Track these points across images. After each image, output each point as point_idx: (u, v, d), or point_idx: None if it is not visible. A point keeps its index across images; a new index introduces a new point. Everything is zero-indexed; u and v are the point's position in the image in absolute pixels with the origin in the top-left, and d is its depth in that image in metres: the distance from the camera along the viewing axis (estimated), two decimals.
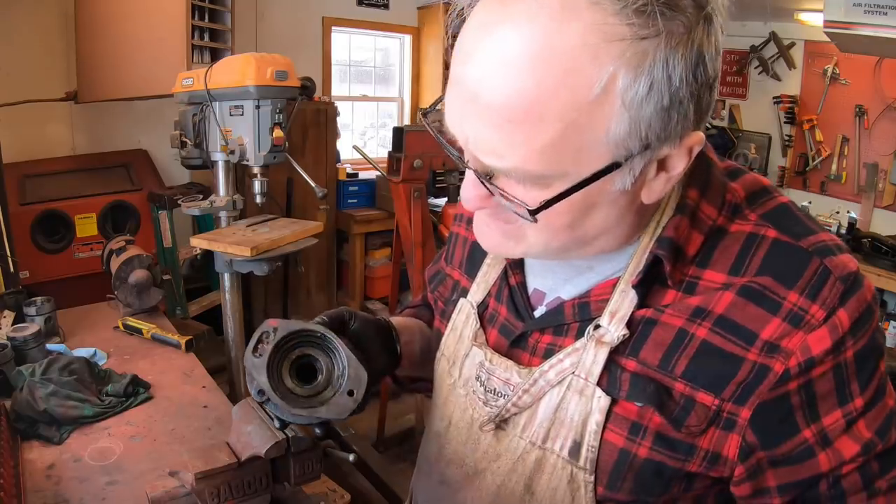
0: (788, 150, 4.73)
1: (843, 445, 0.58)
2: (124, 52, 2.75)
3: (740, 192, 0.64)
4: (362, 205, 4.16)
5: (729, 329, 0.58)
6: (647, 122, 0.50)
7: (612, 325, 0.62)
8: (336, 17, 4.44)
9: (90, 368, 1.37)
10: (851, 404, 0.58)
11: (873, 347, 0.58)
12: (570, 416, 0.64)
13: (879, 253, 3.66)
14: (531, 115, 0.49)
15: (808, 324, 0.56)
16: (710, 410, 0.59)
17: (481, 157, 0.54)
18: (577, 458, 0.64)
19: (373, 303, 4.19)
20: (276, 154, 1.95)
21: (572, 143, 0.50)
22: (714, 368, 0.58)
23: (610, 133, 0.50)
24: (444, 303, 0.87)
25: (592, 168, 0.52)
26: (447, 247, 0.91)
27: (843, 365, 0.57)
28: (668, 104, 0.50)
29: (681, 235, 0.61)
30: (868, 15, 2.18)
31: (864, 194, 4.28)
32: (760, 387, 0.57)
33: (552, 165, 0.52)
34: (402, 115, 5.17)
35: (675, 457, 0.61)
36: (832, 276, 0.57)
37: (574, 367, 0.63)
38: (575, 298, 0.67)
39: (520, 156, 0.51)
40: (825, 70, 4.38)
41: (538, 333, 0.69)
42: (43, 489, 1.04)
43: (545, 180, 0.53)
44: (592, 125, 0.49)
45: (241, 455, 0.88)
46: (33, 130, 3.18)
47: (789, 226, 0.60)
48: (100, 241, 2.97)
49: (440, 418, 0.79)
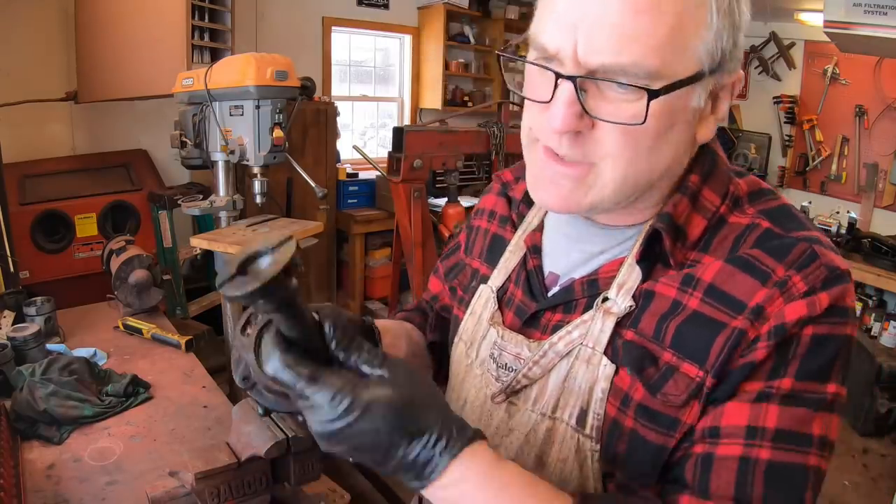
0: (788, 150, 4.74)
1: (730, 413, 0.58)
2: (124, 52, 2.75)
3: (743, 187, 0.67)
4: (362, 205, 4.16)
5: (718, 298, 0.59)
6: (726, 36, 0.56)
7: (620, 297, 0.64)
8: (336, 17, 4.44)
9: (90, 368, 1.37)
10: (777, 381, 0.57)
11: (836, 344, 0.57)
12: (578, 384, 0.65)
13: (879, 253, 3.66)
14: (653, 6, 0.53)
15: (789, 292, 0.57)
16: (694, 382, 0.59)
17: (596, 57, 0.55)
18: (583, 426, 0.65)
19: (373, 303, 4.19)
20: (276, 154, 1.95)
21: (679, 41, 0.55)
22: (701, 338, 0.59)
23: (703, 38, 0.55)
24: (462, 290, 0.88)
25: (688, 72, 0.56)
26: (467, 240, 0.93)
27: (796, 341, 0.57)
28: (736, 25, 0.57)
29: (679, 213, 0.64)
30: (868, 15, 2.18)
31: (864, 194, 4.28)
32: (734, 354, 0.58)
33: (663, 63, 0.54)
34: (402, 115, 5.17)
35: (657, 430, 0.61)
36: (818, 260, 0.58)
37: (582, 338, 0.66)
38: (584, 277, 0.69)
39: (639, 49, 0.54)
40: (825, 70, 4.39)
41: (550, 312, 0.71)
42: (43, 489, 1.04)
43: (650, 81, 0.55)
44: (696, 25, 0.55)
45: (241, 455, 0.88)
46: (33, 130, 3.18)
47: (783, 222, 0.62)
48: (100, 241, 2.97)
49: (457, 399, 0.81)
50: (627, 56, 0.54)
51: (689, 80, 0.56)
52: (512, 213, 0.84)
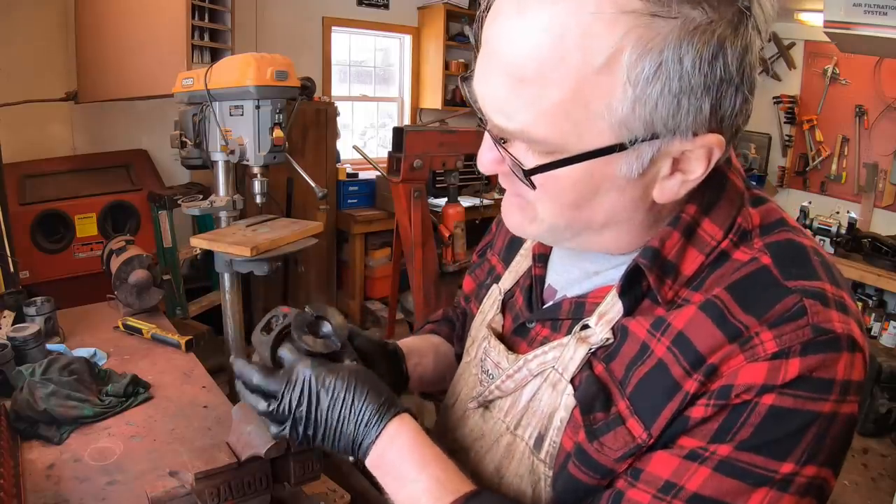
0: (788, 150, 4.73)
1: (657, 462, 0.55)
2: (124, 52, 2.74)
3: (756, 219, 0.60)
4: (362, 205, 4.16)
5: (682, 349, 0.55)
6: (652, 105, 0.49)
7: (599, 327, 0.62)
8: (336, 17, 4.44)
9: (90, 368, 1.37)
10: (715, 445, 0.52)
11: (802, 421, 0.50)
12: (542, 407, 0.65)
13: (879, 253, 3.66)
14: (540, 76, 0.50)
15: (753, 351, 0.51)
16: (634, 442, 0.57)
17: (492, 117, 0.55)
18: (539, 450, 0.65)
19: (373, 303, 4.19)
20: (276, 154, 1.95)
21: (575, 113, 0.50)
22: (655, 398, 0.56)
23: (613, 109, 0.50)
24: (479, 286, 0.90)
25: (594, 144, 0.51)
26: (493, 235, 0.94)
27: (750, 408, 0.51)
28: (678, 90, 0.49)
29: (669, 249, 0.59)
30: (868, 15, 2.17)
31: (864, 194, 4.28)
32: (679, 414, 0.55)
33: (555, 133, 0.52)
34: (402, 115, 5.17)
35: (590, 475, 0.60)
36: (805, 318, 0.51)
37: (554, 361, 0.64)
38: (574, 297, 0.68)
39: (526, 118, 0.52)
40: (825, 70, 4.38)
41: (539, 326, 0.71)
42: (43, 489, 1.04)
43: (549, 149, 0.53)
44: (596, 96, 0.49)
45: (241, 455, 0.88)
46: (33, 130, 3.18)
47: (787, 263, 0.55)
48: (100, 241, 2.97)
49: (451, 394, 0.82)
50: (517, 122, 0.53)
51: (591, 155, 0.52)
52: None
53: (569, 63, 0.48)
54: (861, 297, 4.05)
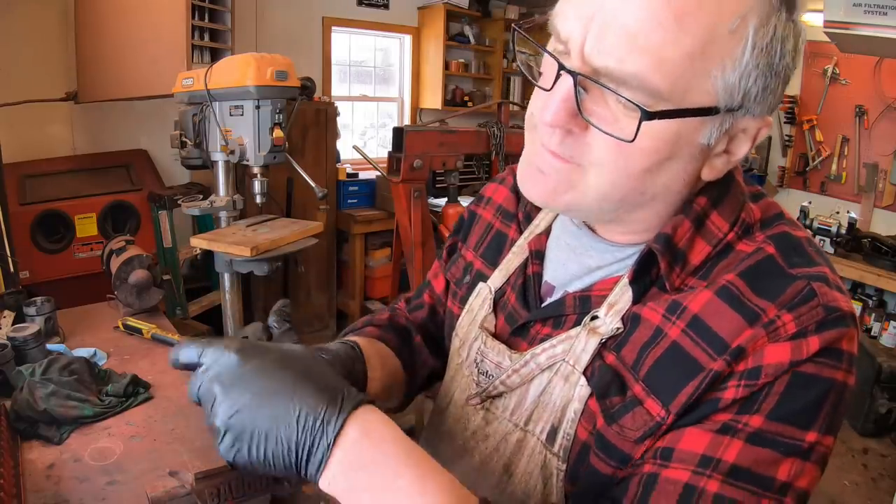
0: (788, 150, 4.74)
1: (690, 438, 0.54)
2: (124, 52, 2.75)
3: (756, 213, 0.62)
4: (362, 205, 4.16)
5: (701, 332, 0.56)
6: (754, 77, 0.51)
7: (609, 318, 0.62)
8: (336, 17, 4.44)
9: (90, 368, 1.37)
10: (746, 416, 0.53)
11: (822, 387, 0.53)
12: (553, 400, 0.64)
13: (879, 253, 3.66)
14: (676, 22, 0.49)
15: (776, 333, 0.53)
16: (653, 420, 0.57)
17: (601, 58, 0.51)
18: (552, 443, 0.64)
19: (373, 303, 4.19)
20: (276, 154, 1.95)
21: (696, 66, 0.50)
22: (672, 378, 0.56)
23: (725, 73, 0.51)
24: (455, 283, 0.87)
25: (697, 103, 0.52)
26: (464, 225, 0.90)
27: (776, 380, 0.53)
28: (774, 68, 0.52)
29: (680, 236, 0.60)
30: (868, 15, 2.17)
31: (864, 194, 4.28)
32: (704, 395, 0.55)
33: (668, 84, 0.50)
34: (402, 115, 5.17)
35: (609, 463, 0.59)
36: (815, 300, 0.54)
37: (565, 354, 0.64)
38: (577, 292, 0.67)
39: (647, 62, 0.49)
40: (825, 70, 4.39)
41: (539, 325, 0.70)
42: (43, 489, 1.04)
43: (653, 100, 0.51)
44: (721, 56, 0.50)
45: None
46: (33, 130, 3.18)
47: (789, 254, 0.58)
48: (100, 241, 2.97)
49: (444, 395, 0.80)
50: (632, 66, 0.50)
51: (695, 112, 0.52)
52: (518, 212, 0.81)
53: (707, 16, 0.49)
54: (861, 297, 4.05)
